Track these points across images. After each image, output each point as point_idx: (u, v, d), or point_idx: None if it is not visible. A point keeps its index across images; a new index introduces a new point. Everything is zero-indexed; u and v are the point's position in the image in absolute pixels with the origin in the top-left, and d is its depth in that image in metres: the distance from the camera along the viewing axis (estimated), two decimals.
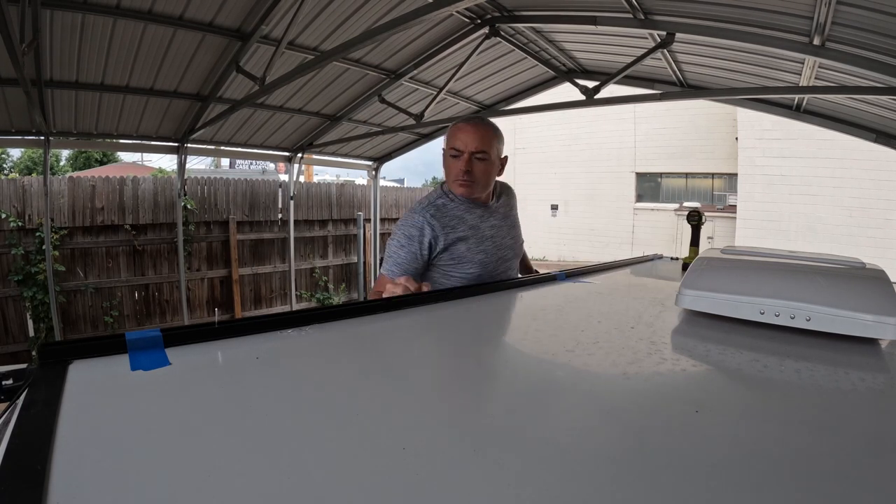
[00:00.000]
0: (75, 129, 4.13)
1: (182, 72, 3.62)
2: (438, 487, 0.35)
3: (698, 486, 0.36)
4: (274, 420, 0.44)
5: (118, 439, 0.39)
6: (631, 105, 8.29)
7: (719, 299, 0.79)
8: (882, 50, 2.52)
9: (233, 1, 2.99)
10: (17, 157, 17.43)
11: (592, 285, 1.26)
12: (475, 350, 0.75)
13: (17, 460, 0.33)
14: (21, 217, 4.60)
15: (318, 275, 6.85)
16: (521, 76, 4.98)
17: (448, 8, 2.34)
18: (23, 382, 0.48)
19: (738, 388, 0.60)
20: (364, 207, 7.30)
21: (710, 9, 2.81)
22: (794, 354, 0.68)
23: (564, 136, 13.52)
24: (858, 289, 0.76)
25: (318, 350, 0.67)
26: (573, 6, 3.36)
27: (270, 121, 4.85)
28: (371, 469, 0.36)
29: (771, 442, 0.44)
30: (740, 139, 9.97)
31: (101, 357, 0.54)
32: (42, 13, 2.61)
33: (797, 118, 4.01)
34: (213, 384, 0.53)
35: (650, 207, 12.49)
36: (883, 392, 0.57)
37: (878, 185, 8.23)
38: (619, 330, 0.79)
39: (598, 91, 3.87)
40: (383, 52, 4.04)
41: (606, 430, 0.46)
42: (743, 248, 1.08)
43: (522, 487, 0.35)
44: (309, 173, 14.53)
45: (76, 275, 4.94)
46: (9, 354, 4.50)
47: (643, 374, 0.60)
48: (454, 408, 0.51)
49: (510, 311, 1.00)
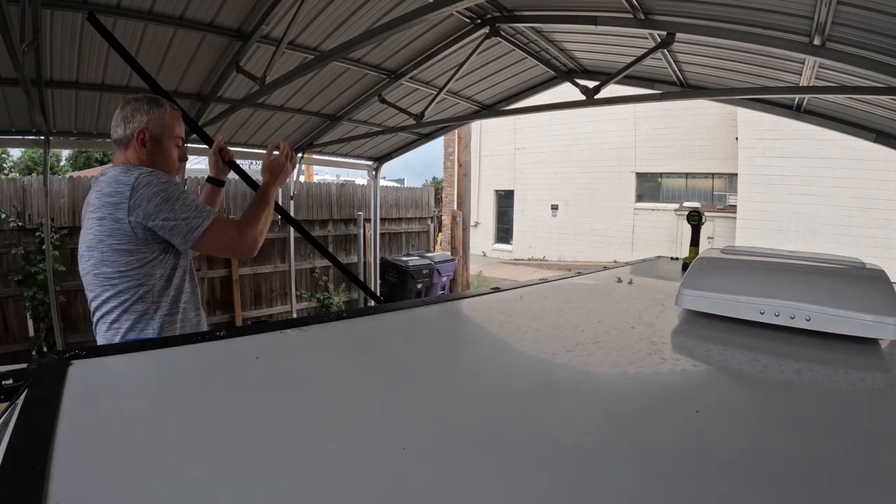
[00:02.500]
0: (75, 129, 4.12)
1: (182, 72, 3.62)
2: (438, 487, 0.35)
3: (698, 485, 0.36)
4: (274, 419, 0.44)
5: (118, 439, 0.39)
6: (631, 105, 8.30)
7: (719, 299, 0.79)
8: (882, 50, 2.52)
9: (233, 1, 2.99)
10: (17, 157, 17.43)
11: (592, 285, 1.26)
12: (475, 350, 0.75)
13: (17, 460, 0.33)
14: (21, 217, 4.59)
15: (318, 275, 6.85)
16: (521, 76, 4.97)
17: (448, 8, 2.34)
18: (23, 382, 0.48)
19: (738, 388, 0.60)
20: (364, 207, 7.30)
21: (711, 9, 2.81)
22: (794, 354, 0.68)
23: (564, 136, 13.53)
24: (858, 289, 0.76)
25: (319, 349, 0.67)
26: (573, 6, 3.36)
27: (270, 121, 4.85)
28: (371, 469, 0.36)
29: (771, 441, 0.44)
30: (740, 139, 9.97)
31: (100, 357, 0.54)
32: (42, 13, 2.61)
33: (797, 118, 4.01)
34: (213, 384, 0.53)
35: (650, 207, 12.49)
36: (883, 392, 0.57)
37: (878, 185, 8.23)
38: (618, 330, 0.79)
39: (599, 91, 3.86)
40: (383, 52, 4.04)
41: (606, 430, 0.46)
42: (743, 249, 1.07)
43: (522, 487, 0.35)
44: (309, 173, 14.53)
45: (76, 275, 4.93)
46: (9, 354, 4.50)
47: (643, 374, 0.60)
48: (454, 407, 0.51)
49: (510, 311, 1.00)
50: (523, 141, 14.29)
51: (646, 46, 3.48)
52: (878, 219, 8.34)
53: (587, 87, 3.92)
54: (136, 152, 1.28)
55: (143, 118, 1.27)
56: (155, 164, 1.29)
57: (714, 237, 10.05)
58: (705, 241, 1.88)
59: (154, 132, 1.28)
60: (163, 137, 1.30)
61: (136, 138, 1.26)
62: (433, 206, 9.01)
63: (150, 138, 1.28)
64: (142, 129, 1.26)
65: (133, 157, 1.28)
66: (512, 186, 14.89)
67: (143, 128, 1.26)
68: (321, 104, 4.76)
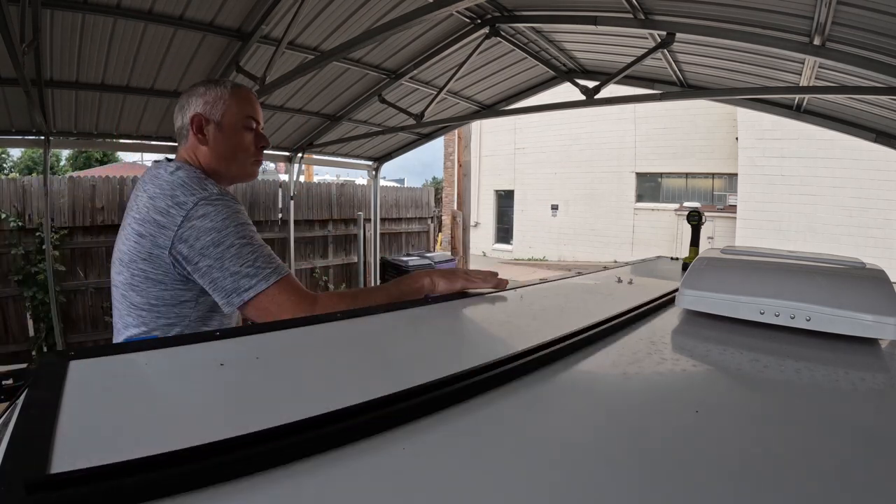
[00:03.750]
0: (75, 129, 4.13)
1: (182, 72, 3.63)
2: (437, 487, 0.35)
3: (698, 486, 0.36)
4: (274, 419, 0.44)
5: (118, 439, 0.39)
6: (631, 105, 8.30)
7: (719, 299, 0.79)
8: (882, 50, 2.52)
9: (233, 1, 2.99)
10: (17, 157, 17.44)
11: (592, 285, 1.26)
12: (475, 350, 0.75)
13: (17, 460, 0.33)
14: (21, 217, 4.60)
15: (318, 275, 6.85)
16: (521, 76, 4.98)
17: (448, 8, 2.34)
18: (23, 382, 0.48)
19: (738, 388, 0.60)
20: (364, 207, 7.30)
21: (711, 9, 2.81)
22: (794, 354, 0.68)
23: (564, 136, 13.54)
24: (858, 289, 0.76)
25: (319, 349, 0.67)
26: (573, 6, 3.36)
27: (270, 121, 4.85)
28: (370, 468, 0.36)
29: (771, 442, 0.44)
30: (740, 139, 9.98)
31: (101, 357, 0.54)
32: (42, 13, 2.61)
33: (797, 118, 4.01)
34: (213, 384, 0.53)
35: (650, 207, 12.50)
36: (883, 392, 0.57)
37: (878, 185, 8.24)
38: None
39: (598, 91, 3.87)
40: (383, 52, 4.04)
41: (606, 430, 0.46)
42: (743, 249, 1.07)
43: (521, 487, 0.35)
44: (309, 173, 14.54)
45: (76, 275, 4.94)
46: (9, 354, 4.50)
47: (643, 374, 0.60)
48: (453, 407, 0.51)
49: (510, 310, 1.00)
50: (523, 141, 14.29)
51: (646, 46, 3.48)
52: (878, 219, 8.34)
53: (587, 87, 3.93)
54: (193, 144, 1.03)
55: (197, 102, 1.03)
56: (221, 156, 1.05)
57: (714, 237, 10.05)
58: (705, 241, 1.88)
59: (211, 115, 1.03)
60: (224, 119, 1.04)
61: (191, 124, 1.02)
62: (433, 206, 9.01)
63: (209, 122, 1.03)
64: (197, 113, 1.03)
65: (191, 151, 1.04)
66: (512, 186, 14.89)
67: (198, 112, 1.03)
68: (321, 104, 4.76)
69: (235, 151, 1.07)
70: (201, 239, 0.90)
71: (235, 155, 1.07)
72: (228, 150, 1.05)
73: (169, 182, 0.95)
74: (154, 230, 0.91)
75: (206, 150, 1.04)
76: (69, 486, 0.29)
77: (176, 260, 0.92)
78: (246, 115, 1.07)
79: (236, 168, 1.08)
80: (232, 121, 1.05)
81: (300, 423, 0.38)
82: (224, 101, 1.04)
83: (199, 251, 0.90)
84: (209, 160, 1.04)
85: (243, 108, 1.06)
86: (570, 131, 13.34)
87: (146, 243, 0.92)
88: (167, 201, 0.92)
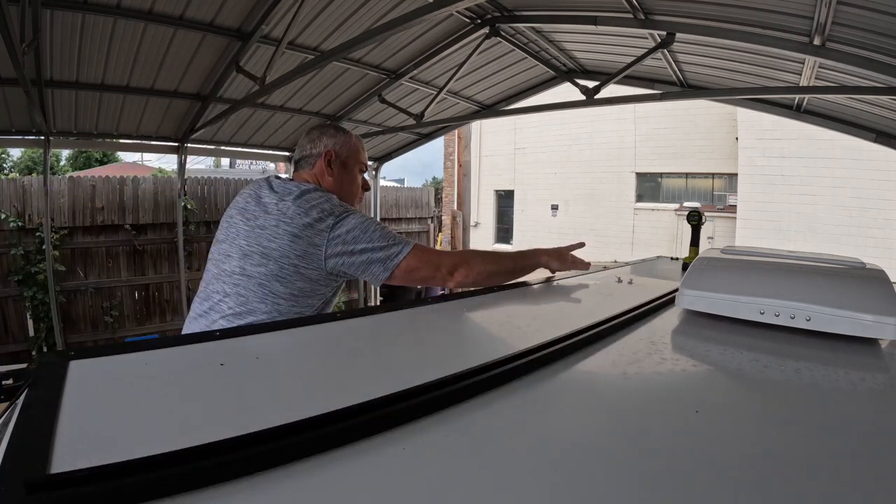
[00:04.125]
0: (75, 129, 4.13)
1: (182, 72, 3.62)
2: (437, 487, 0.35)
3: (698, 486, 0.36)
4: (274, 419, 0.44)
5: (118, 439, 0.39)
6: (631, 105, 8.30)
7: (719, 299, 0.79)
8: (882, 50, 2.52)
9: (233, 1, 2.99)
10: (17, 157, 17.42)
11: (594, 284, 1.26)
12: (474, 349, 0.75)
13: (17, 460, 0.33)
14: (21, 217, 4.60)
15: None
16: (521, 76, 4.98)
17: (448, 8, 2.34)
18: (23, 382, 0.48)
19: (738, 388, 0.60)
20: (364, 207, 7.31)
21: (710, 9, 2.81)
22: (794, 354, 0.68)
23: (564, 137, 13.52)
24: (858, 289, 0.76)
25: (320, 349, 0.67)
26: (573, 6, 3.36)
27: (270, 121, 4.85)
28: (370, 468, 0.36)
29: (771, 442, 0.44)
30: (740, 139, 9.97)
31: (101, 357, 0.54)
32: (42, 13, 2.61)
33: (797, 118, 4.01)
34: (213, 384, 0.53)
35: (650, 207, 12.48)
36: (883, 392, 0.57)
37: (878, 185, 8.22)
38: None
39: (598, 91, 3.86)
40: (383, 52, 4.04)
41: (606, 430, 0.46)
42: (743, 249, 1.07)
43: (521, 487, 0.35)
44: None
45: (76, 275, 4.94)
46: (9, 354, 4.50)
47: (643, 374, 0.60)
48: (453, 407, 0.51)
49: (510, 310, 1.00)
50: (523, 141, 14.28)
51: (646, 46, 3.48)
52: (878, 219, 8.33)
53: (587, 87, 3.92)
54: (322, 171, 1.29)
55: (329, 141, 1.30)
56: (341, 187, 1.30)
57: (714, 237, 10.04)
58: (705, 241, 1.88)
59: (341, 155, 1.30)
60: (349, 161, 1.32)
61: (323, 157, 1.28)
62: (433, 206, 9.02)
63: (337, 160, 1.30)
64: (330, 150, 1.29)
65: (318, 176, 1.29)
66: (512, 186, 14.87)
67: (331, 149, 1.29)
68: (321, 104, 4.76)
69: (351, 187, 1.35)
70: (351, 233, 1.14)
71: (350, 189, 1.35)
72: (346, 184, 1.33)
73: (317, 197, 1.18)
74: (310, 233, 1.12)
75: (331, 180, 1.29)
76: (69, 486, 0.29)
77: (329, 256, 1.13)
78: (361, 162, 1.36)
79: (347, 199, 1.32)
80: (352, 163, 1.33)
81: (300, 423, 0.38)
82: (350, 146, 1.32)
83: (352, 241, 1.14)
84: (331, 187, 1.28)
85: (360, 156, 1.36)
86: (570, 131, 13.32)
87: (301, 243, 1.12)
88: (316, 211, 1.14)
